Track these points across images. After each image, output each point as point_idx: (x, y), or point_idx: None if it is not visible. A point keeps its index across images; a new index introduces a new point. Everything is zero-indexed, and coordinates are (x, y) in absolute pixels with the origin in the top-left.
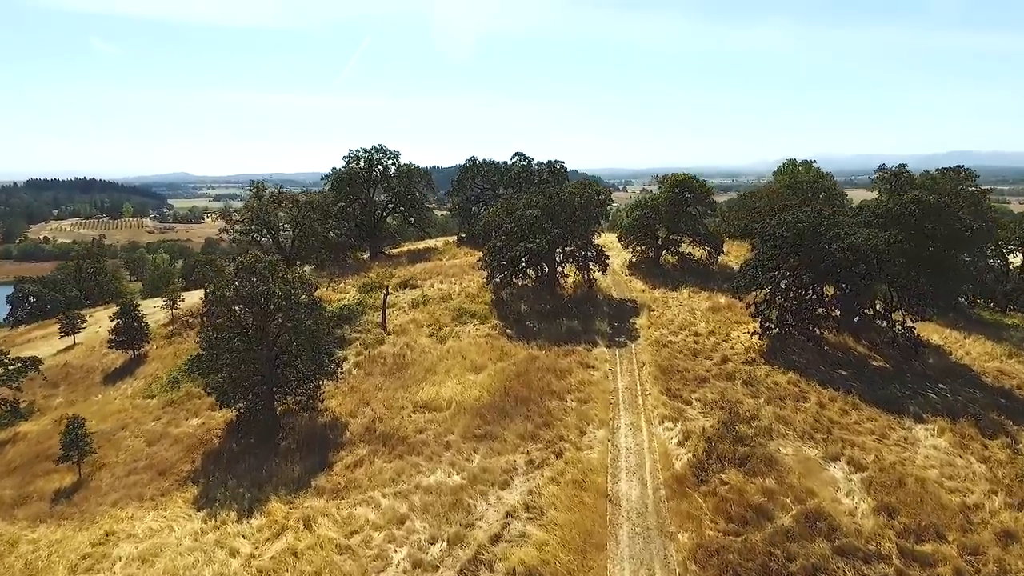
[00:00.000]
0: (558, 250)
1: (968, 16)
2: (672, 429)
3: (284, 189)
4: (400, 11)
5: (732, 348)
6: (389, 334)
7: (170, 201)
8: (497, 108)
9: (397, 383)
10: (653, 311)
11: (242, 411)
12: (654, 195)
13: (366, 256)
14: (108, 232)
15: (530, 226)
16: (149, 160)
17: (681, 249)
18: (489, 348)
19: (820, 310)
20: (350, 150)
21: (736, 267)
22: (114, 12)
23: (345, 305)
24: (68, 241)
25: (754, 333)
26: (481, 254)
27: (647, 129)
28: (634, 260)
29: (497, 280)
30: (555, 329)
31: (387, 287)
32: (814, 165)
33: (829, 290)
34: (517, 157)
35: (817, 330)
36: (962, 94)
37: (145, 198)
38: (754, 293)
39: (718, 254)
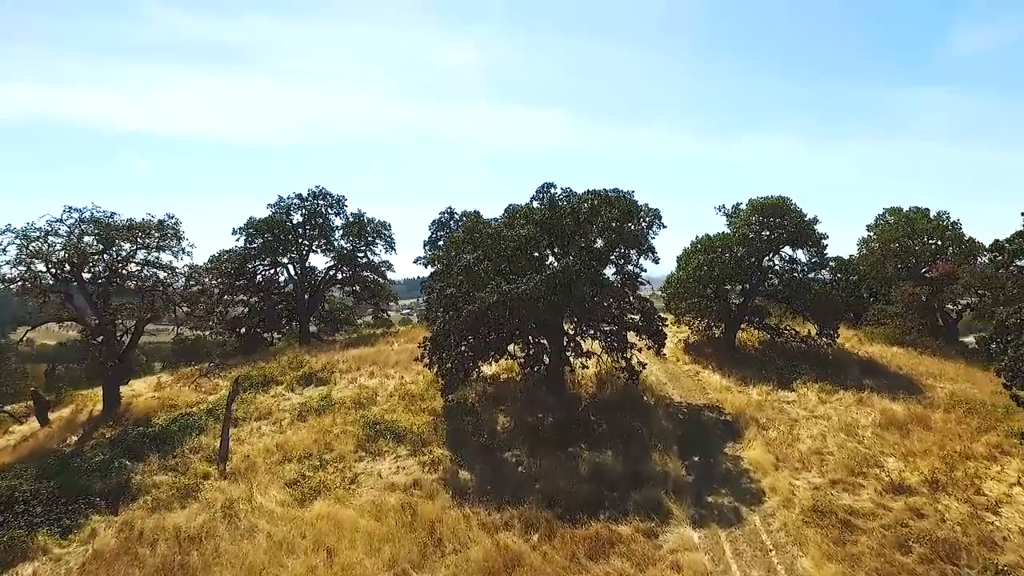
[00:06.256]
0: (567, 310)
1: (954, 131)
2: None
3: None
4: (415, 129)
5: None
6: (224, 476)
7: None
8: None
9: None
10: (765, 429)
11: None
12: (722, 235)
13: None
14: None
15: (514, 256)
16: None
17: (770, 322)
18: (405, 525)
19: None
20: (280, 197)
21: (863, 353)
22: (152, 130)
23: (185, 414)
24: (51, 342)
25: None
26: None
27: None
28: (694, 339)
29: (447, 366)
30: (565, 471)
31: (236, 383)
32: (931, 213)
33: None
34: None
35: None
36: (952, 202)
37: None
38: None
39: (835, 331)
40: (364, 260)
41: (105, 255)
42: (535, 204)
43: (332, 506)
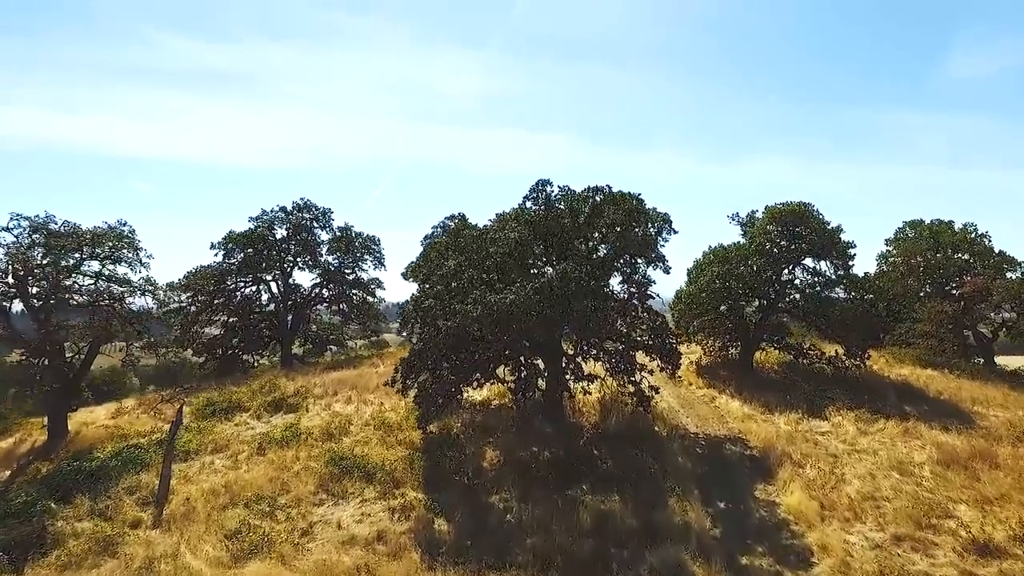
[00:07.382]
0: (565, 326)
1: (954, 155)
2: None
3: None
4: (417, 154)
5: None
6: (156, 524)
7: None
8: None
9: None
10: (800, 467)
11: None
12: (737, 244)
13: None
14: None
15: (502, 263)
16: None
17: (791, 341)
18: None
19: None
20: (263, 210)
21: (895, 376)
22: (152, 155)
23: (131, 446)
24: None
25: None
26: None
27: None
28: (707, 360)
29: (428, 391)
30: (563, 522)
31: (179, 413)
32: (956, 225)
33: None
34: None
35: None
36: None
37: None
38: None
39: (865, 351)
40: (352, 277)
41: (47, 266)
42: (528, 204)
43: (272, 568)
